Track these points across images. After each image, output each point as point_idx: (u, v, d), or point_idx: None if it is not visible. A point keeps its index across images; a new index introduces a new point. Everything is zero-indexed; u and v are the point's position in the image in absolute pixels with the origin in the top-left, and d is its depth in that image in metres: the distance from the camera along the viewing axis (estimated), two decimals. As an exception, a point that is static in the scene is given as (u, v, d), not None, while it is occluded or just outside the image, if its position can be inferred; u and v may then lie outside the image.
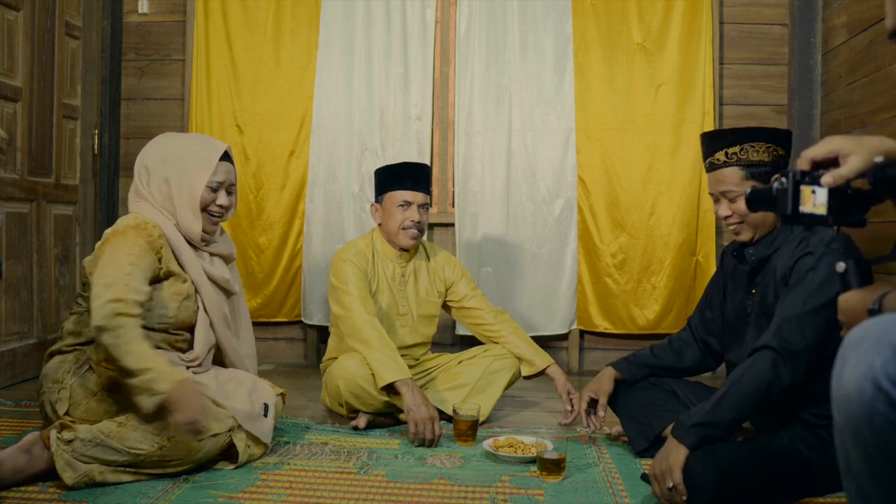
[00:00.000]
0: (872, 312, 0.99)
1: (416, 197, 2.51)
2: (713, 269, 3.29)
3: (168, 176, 1.98)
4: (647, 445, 2.03)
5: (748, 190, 1.23)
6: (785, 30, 3.40)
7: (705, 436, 1.62)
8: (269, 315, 3.50)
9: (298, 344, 3.59)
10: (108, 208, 3.51)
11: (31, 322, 2.96)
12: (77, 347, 1.95)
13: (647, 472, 1.72)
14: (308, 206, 3.46)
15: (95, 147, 3.42)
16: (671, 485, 1.60)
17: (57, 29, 3.09)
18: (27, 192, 2.92)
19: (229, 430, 1.88)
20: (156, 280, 1.92)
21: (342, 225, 3.46)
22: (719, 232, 3.37)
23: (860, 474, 0.88)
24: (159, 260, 1.92)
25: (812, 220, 1.08)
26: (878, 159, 1.04)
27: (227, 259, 2.16)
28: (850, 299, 1.05)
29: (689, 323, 2.21)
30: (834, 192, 1.06)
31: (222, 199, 2.03)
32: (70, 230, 3.26)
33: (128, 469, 1.77)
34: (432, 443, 2.15)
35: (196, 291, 2.02)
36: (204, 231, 2.02)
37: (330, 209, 3.46)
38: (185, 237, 2.00)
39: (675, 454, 1.62)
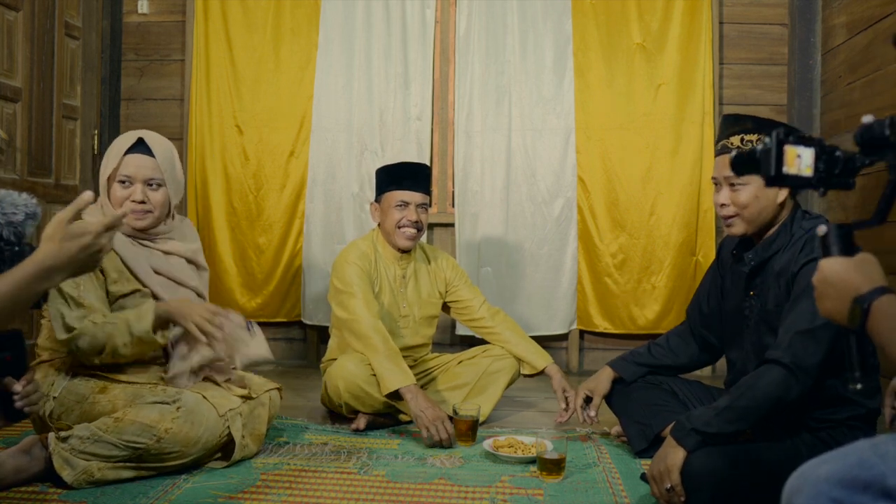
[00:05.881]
0: (858, 302, 0.93)
1: (414, 197, 2.48)
2: (713, 268, 3.29)
3: (100, 174, 1.94)
4: (646, 446, 2.03)
5: (733, 153, 1.11)
6: (785, 30, 3.40)
7: (704, 441, 1.62)
8: (269, 315, 3.50)
9: (298, 344, 3.59)
10: (108, 208, 3.51)
11: (30, 322, 2.96)
12: (58, 357, 1.92)
13: (646, 472, 1.72)
14: (308, 206, 3.46)
15: (95, 147, 3.42)
16: (669, 486, 1.60)
17: (56, 29, 3.09)
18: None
19: (225, 419, 1.86)
20: (104, 286, 1.87)
21: (342, 225, 3.46)
22: (719, 232, 3.36)
23: None
24: (101, 270, 1.84)
25: (796, 182, 1.02)
26: (867, 118, 1.00)
27: (189, 259, 2.06)
28: (834, 270, 0.97)
29: (687, 315, 2.20)
30: (821, 154, 1.01)
31: (137, 194, 1.88)
32: (70, 230, 3.25)
33: (127, 465, 1.76)
34: (448, 443, 2.14)
35: (152, 293, 1.92)
36: (136, 229, 1.91)
37: (330, 209, 3.46)
38: (131, 235, 1.93)
39: (673, 455, 1.62)
